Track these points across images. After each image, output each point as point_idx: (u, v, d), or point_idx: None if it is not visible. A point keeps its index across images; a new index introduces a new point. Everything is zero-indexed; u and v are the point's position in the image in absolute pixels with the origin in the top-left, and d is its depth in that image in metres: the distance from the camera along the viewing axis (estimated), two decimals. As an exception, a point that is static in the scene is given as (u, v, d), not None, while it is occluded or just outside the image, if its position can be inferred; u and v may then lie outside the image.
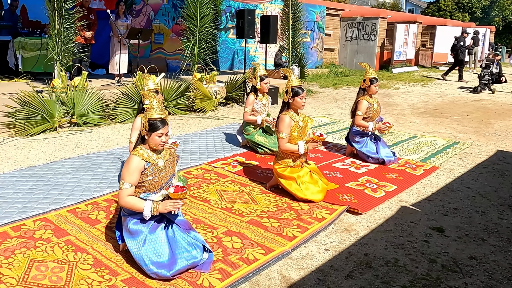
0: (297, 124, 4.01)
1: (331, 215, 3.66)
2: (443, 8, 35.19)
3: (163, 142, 2.77)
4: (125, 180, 2.72)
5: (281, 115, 4.07)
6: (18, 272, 2.71)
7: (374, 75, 5.16)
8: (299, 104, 4.02)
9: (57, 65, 7.27)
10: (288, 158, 4.04)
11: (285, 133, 3.97)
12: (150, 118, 2.74)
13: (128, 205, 2.72)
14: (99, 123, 6.78)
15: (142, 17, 12.10)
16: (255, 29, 10.56)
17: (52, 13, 7.05)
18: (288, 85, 4.05)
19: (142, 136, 2.81)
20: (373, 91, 5.12)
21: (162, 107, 2.82)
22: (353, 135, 5.24)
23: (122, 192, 2.72)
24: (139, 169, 2.73)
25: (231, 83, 8.95)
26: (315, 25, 16.03)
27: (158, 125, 2.73)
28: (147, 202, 2.72)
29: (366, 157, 5.14)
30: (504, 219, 3.76)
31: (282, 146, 4.00)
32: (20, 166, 4.70)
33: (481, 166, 5.21)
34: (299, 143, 3.97)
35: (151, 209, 2.70)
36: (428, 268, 2.94)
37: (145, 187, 2.78)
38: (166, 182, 2.85)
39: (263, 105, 5.55)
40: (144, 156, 2.76)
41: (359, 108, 5.11)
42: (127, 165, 2.74)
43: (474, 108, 9.59)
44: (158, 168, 2.78)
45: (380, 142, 5.20)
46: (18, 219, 3.41)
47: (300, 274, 2.85)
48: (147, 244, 2.72)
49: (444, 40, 19.26)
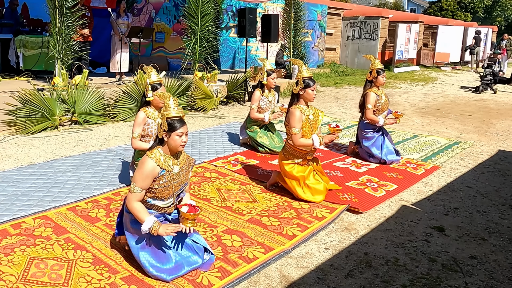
0: (307, 118, 3.87)
1: (332, 214, 3.66)
2: (445, 8, 35.13)
3: (183, 142, 2.64)
4: (137, 184, 2.63)
5: (291, 109, 3.90)
6: (18, 269, 2.71)
7: (380, 66, 5.04)
8: (310, 96, 3.88)
9: (58, 63, 7.27)
10: (296, 154, 3.92)
11: (297, 128, 3.81)
12: (168, 118, 2.60)
13: (133, 210, 2.64)
14: (100, 121, 6.78)
15: (143, 15, 12.09)
16: (256, 28, 10.54)
17: (53, 11, 7.05)
18: (299, 76, 3.89)
19: (159, 138, 2.68)
20: (380, 82, 4.97)
21: (179, 106, 2.70)
22: (362, 129, 5.10)
23: (132, 196, 2.64)
24: (153, 175, 2.62)
25: (232, 82, 8.94)
26: (317, 24, 16.00)
27: (176, 125, 2.60)
28: (150, 218, 2.60)
29: (368, 156, 5.09)
30: (505, 218, 3.75)
31: (296, 142, 3.84)
32: (21, 164, 4.70)
33: (482, 165, 5.20)
34: (314, 137, 3.82)
35: (151, 227, 2.58)
36: (429, 267, 2.93)
37: (154, 193, 2.68)
38: (178, 191, 2.76)
39: (269, 102, 5.41)
40: (161, 161, 2.63)
41: (368, 101, 4.96)
42: (141, 168, 2.63)
43: (476, 107, 9.57)
44: (172, 175, 2.67)
45: (388, 137, 5.11)
46: (18, 217, 3.41)
47: (300, 273, 2.84)
48: (149, 248, 2.69)
49: (446, 39, 19.24)
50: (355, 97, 10.07)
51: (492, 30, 22.63)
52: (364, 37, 17.67)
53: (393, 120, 5.04)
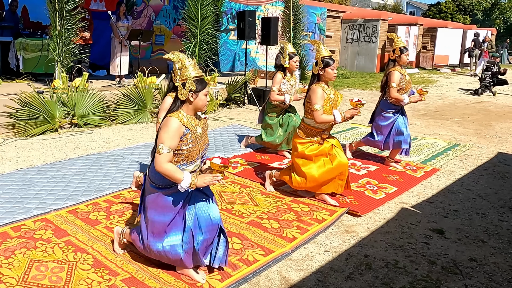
0: (329, 96, 3.84)
1: (331, 217, 3.66)
2: (444, 10, 35.22)
3: (207, 102, 2.64)
4: (165, 144, 2.49)
5: (312, 86, 3.86)
6: (18, 272, 2.71)
7: (404, 44, 4.95)
8: (330, 75, 3.84)
9: (58, 66, 7.28)
10: (312, 133, 3.89)
11: (319, 104, 3.76)
12: (195, 77, 2.56)
13: (167, 172, 2.48)
14: (100, 124, 6.78)
15: (143, 18, 12.10)
16: (256, 30, 10.56)
17: (53, 14, 7.07)
18: (318, 56, 3.85)
19: (179, 102, 2.60)
20: (404, 60, 4.88)
21: (197, 65, 2.66)
22: (383, 109, 5.00)
23: (162, 157, 2.48)
24: (180, 134, 2.53)
25: (232, 85, 8.96)
26: (316, 27, 16.04)
27: (203, 84, 2.58)
28: (187, 174, 2.51)
29: (377, 134, 4.99)
30: (505, 221, 3.76)
31: (318, 119, 3.78)
32: (21, 167, 4.71)
33: (481, 168, 5.21)
34: (335, 112, 3.78)
35: (190, 182, 2.49)
36: (428, 269, 2.94)
37: (183, 155, 2.58)
38: (202, 152, 2.68)
39: (290, 85, 5.20)
40: (184, 120, 2.55)
41: (392, 79, 4.83)
42: (166, 128, 2.52)
43: (475, 110, 9.59)
44: (196, 135, 2.61)
45: (406, 120, 5.03)
46: (19, 220, 3.41)
47: (300, 275, 2.84)
48: (173, 233, 2.65)
49: (445, 42, 19.28)
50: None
51: (491, 33, 22.67)
52: (364, 39, 17.71)
53: (418, 98, 4.94)
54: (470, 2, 35.26)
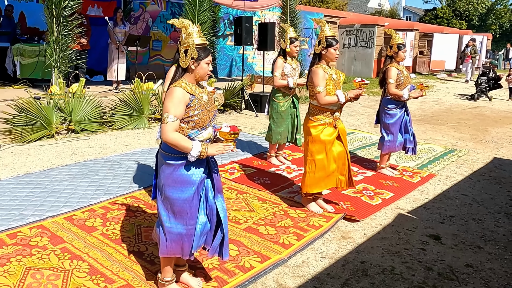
0: (330, 76, 3.79)
1: (328, 223, 3.67)
2: (441, 16, 35.39)
3: (210, 71, 2.56)
4: (170, 113, 2.39)
5: (313, 68, 3.80)
6: (14, 279, 2.70)
7: (401, 41, 4.93)
8: (333, 56, 3.79)
9: (55, 71, 7.28)
10: (322, 113, 3.81)
11: (321, 85, 3.70)
12: (198, 45, 2.47)
13: (174, 141, 2.40)
14: (97, 130, 6.78)
15: (141, 24, 12.12)
16: (253, 36, 10.60)
17: (50, 20, 7.07)
18: (322, 35, 3.79)
19: (181, 71, 2.53)
20: (401, 57, 4.87)
21: (202, 32, 2.59)
22: (385, 105, 4.98)
23: (167, 126, 2.39)
24: (185, 101, 2.44)
25: (229, 90, 8.98)
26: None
27: (205, 52, 2.50)
28: (196, 142, 2.44)
29: (387, 134, 4.94)
30: (501, 226, 3.77)
31: (321, 101, 3.72)
32: (17, 173, 4.69)
33: (477, 173, 5.23)
34: (338, 92, 3.73)
35: (200, 150, 2.42)
36: (425, 276, 2.94)
37: (194, 121, 2.48)
38: (212, 118, 2.60)
39: (293, 68, 5.11)
40: (188, 88, 2.47)
41: (389, 75, 4.83)
42: (170, 97, 2.43)
43: (471, 115, 9.63)
44: (203, 102, 2.52)
45: (409, 118, 5.02)
46: (15, 226, 3.40)
47: (296, 282, 2.84)
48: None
49: (441, 47, 19.37)
50: (351, 105, 10.09)
51: (487, 38, 22.80)
52: (360, 45, 17.78)
53: (419, 93, 4.91)
54: (466, 8, 35.47)
